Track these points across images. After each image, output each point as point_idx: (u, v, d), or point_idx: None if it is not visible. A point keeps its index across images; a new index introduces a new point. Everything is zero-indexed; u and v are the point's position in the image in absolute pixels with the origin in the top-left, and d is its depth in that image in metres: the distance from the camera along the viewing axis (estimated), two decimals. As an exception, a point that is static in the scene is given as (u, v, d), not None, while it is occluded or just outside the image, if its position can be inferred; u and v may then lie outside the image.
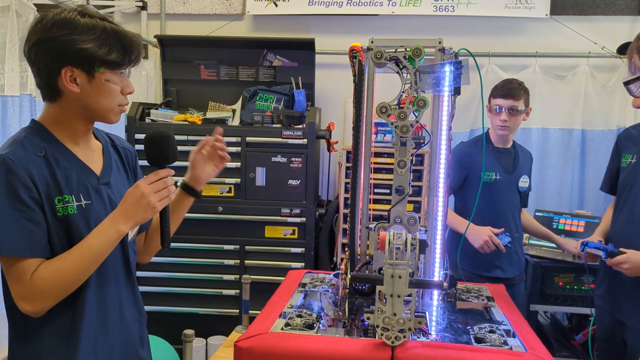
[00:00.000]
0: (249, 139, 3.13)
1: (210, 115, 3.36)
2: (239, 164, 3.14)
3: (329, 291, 1.66)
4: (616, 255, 1.93)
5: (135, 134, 3.14)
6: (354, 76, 1.52)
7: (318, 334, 1.32)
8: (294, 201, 3.15)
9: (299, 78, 3.43)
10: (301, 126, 3.18)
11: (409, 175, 1.50)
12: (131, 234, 1.37)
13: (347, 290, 1.60)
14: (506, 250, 2.42)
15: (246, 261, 3.19)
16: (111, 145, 1.41)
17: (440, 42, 1.56)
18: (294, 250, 3.17)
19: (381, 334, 1.22)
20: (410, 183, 1.51)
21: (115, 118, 1.29)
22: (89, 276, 1.23)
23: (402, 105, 1.44)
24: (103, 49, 1.20)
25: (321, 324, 1.38)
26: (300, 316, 1.41)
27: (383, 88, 1.71)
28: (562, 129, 3.47)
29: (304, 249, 3.17)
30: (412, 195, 2.98)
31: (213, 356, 1.84)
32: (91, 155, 1.32)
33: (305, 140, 3.11)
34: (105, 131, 1.44)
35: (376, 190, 2.65)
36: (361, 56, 1.54)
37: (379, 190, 2.69)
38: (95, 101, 1.24)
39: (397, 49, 1.44)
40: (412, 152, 1.48)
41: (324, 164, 3.60)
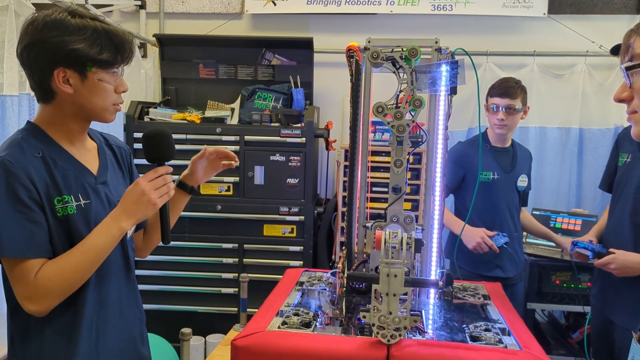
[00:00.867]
0: (247, 137, 3.13)
1: (209, 114, 3.37)
2: (238, 162, 3.14)
3: (326, 290, 1.66)
4: (603, 256, 1.95)
5: (134, 133, 3.14)
6: (351, 76, 1.52)
7: (315, 333, 1.32)
8: (292, 200, 3.15)
9: (298, 77, 3.44)
10: (299, 125, 3.19)
11: (405, 175, 1.50)
12: (130, 232, 1.38)
13: (345, 289, 1.60)
14: (506, 250, 2.43)
15: (245, 260, 3.20)
16: (105, 144, 1.42)
17: (436, 42, 1.57)
18: (292, 248, 3.18)
19: (377, 333, 1.23)
20: (407, 182, 1.51)
21: (110, 117, 1.30)
22: (91, 274, 1.24)
23: (398, 105, 1.44)
24: (94, 48, 1.20)
25: (318, 323, 1.38)
26: (297, 315, 1.41)
27: (380, 87, 1.71)
28: (560, 127, 3.47)
29: (302, 247, 3.17)
30: (410, 194, 2.98)
31: (210, 354, 1.84)
32: (87, 155, 1.32)
33: (304, 139, 3.11)
34: (99, 131, 1.45)
35: (374, 189, 2.66)
36: (358, 56, 1.54)
37: (377, 188, 2.69)
38: (89, 101, 1.24)
39: (394, 49, 1.45)
40: (408, 151, 1.49)
41: (322, 162, 3.61)
